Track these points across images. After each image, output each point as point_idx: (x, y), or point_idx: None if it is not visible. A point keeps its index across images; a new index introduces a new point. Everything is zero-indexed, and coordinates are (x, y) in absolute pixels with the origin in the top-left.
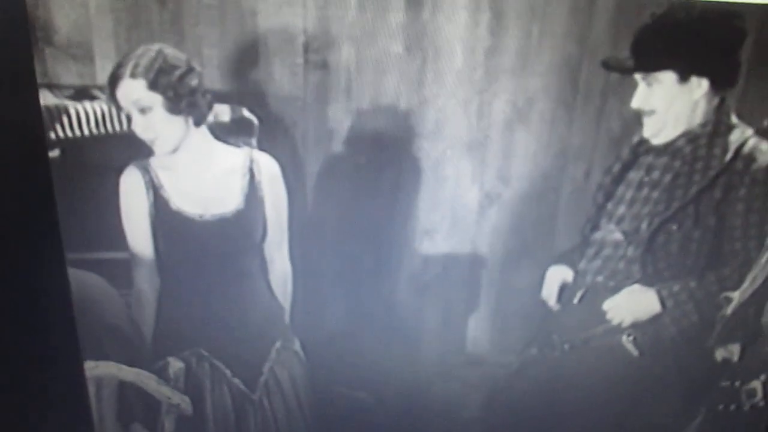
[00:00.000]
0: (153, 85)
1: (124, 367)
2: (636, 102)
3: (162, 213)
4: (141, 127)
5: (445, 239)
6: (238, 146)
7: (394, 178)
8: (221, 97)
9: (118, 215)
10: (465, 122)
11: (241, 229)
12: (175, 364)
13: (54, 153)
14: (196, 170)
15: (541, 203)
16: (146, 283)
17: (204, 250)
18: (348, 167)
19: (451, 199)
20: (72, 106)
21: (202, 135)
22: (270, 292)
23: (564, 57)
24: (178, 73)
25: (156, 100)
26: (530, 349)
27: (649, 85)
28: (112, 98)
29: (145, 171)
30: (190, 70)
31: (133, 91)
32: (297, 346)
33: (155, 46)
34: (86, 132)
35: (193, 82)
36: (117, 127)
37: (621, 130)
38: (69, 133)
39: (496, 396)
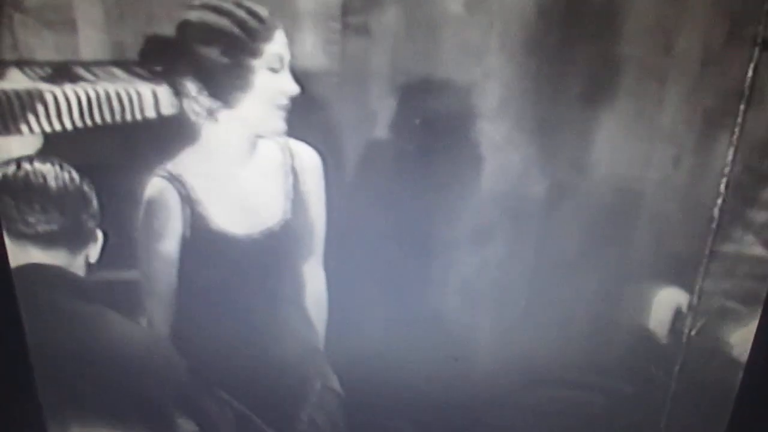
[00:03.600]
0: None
1: None
2: None
3: (198, 235)
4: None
5: (505, 240)
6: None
7: (447, 168)
8: None
9: (116, 230)
10: (535, 98)
11: (288, 243)
12: (186, 427)
13: (30, 150)
14: (238, 174)
15: (622, 195)
16: (160, 315)
17: (240, 273)
18: (392, 156)
19: (515, 191)
20: (49, 91)
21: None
22: (305, 317)
23: (657, 16)
24: None
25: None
26: (623, 385)
27: None
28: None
29: (180, 183)
30: None
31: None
32: (336, 383)
33: None
34: (68, 124)
35: None
36: (109, 117)
37: (721, 107)
38: (46, 126)
39: (568, 427)
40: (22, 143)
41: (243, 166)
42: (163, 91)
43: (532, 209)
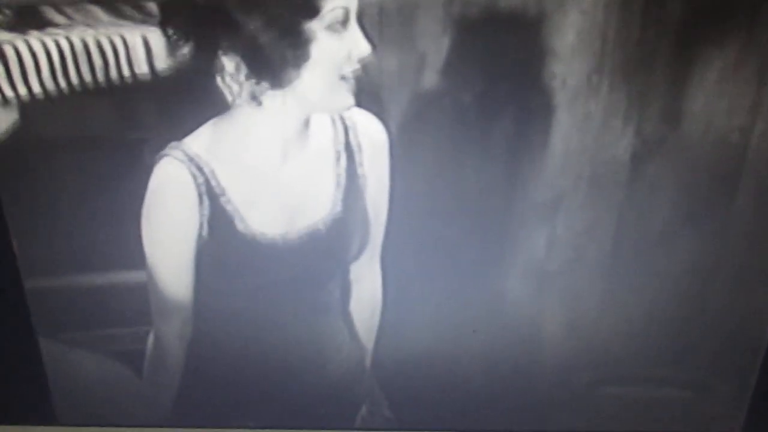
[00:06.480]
0: None
1: None
2: None
3: (219, 234)
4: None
5: (581, 210)
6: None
7: (511, 122)
8: None
9: (108, 226)
10: (623, 31)
11: (335, 243)
12: None
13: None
14: (276, 157)
15: (721, 150)
16: (176, 338)
17: (274, 282)
18: (445, 110)
19: (593, 149)
20: (8, 42)
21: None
22: (350, 329)
23: None
24: None
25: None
26: (714, 381)
27: None
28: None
29: (197, 167)
30: None
31: None
32: (385, 406)
33: None
34: (36, 87)
35: None
36: (89, 76)
37: None
38: (7, 91)
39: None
40: None
41: (285, 150)
42: (157, 39)
43: (612, 173)
